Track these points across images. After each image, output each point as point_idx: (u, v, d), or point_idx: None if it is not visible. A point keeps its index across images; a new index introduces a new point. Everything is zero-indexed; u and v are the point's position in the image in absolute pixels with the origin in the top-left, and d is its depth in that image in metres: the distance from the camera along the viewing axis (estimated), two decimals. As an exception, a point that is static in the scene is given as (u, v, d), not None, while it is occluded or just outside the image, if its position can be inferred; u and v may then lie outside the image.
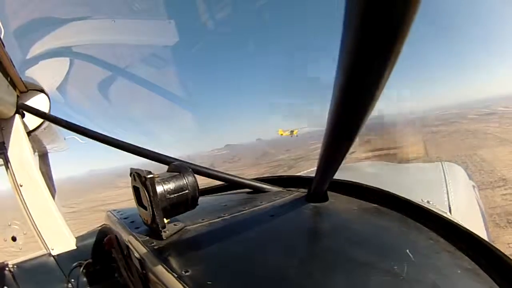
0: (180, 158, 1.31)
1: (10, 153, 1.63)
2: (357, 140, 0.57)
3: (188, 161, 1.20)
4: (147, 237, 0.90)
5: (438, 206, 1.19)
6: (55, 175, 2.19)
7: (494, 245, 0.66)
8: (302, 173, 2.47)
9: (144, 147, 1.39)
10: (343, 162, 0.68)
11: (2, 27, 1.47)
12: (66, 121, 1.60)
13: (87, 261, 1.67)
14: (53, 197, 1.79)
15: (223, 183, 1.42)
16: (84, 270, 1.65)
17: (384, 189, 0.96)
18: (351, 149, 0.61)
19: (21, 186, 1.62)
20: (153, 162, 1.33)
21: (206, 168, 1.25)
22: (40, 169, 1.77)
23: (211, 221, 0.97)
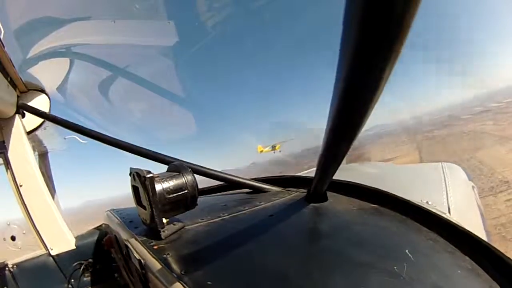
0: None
1: (10, 153, 1.63)
2: (349, 154, 0.57)
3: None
4: (146, 237, 0.90)
5: (437, 206, 1.19)
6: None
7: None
8: (301, 173, 2.46)
9: (144, 147, 1.39)
10: (343, 162, 0.68)
11: (2, 27, 1.47)
12: (66, 120, 1.60)
13: (86, 261, 1.67)
14: (53, 197, 1.79)
15: (222, 183, 1.42)
16: (83, 270, 1.65)
17: (384, 189, 0.96)
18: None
19: (20, 185, 1.63)
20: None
21: (206, 168, 1.24)
22: (40, 169, 1.77)
23: (210, 221, 0.97)
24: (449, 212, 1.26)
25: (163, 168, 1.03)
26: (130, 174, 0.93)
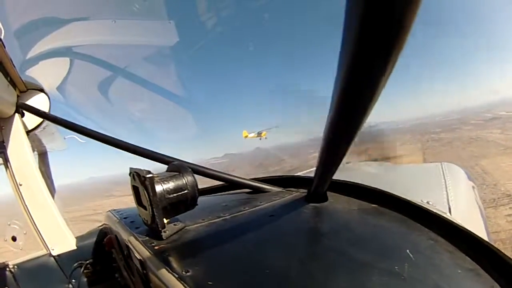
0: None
1: (10, 152, 1.63)
2: (352, 149, 0.57)
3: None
4: (147, 237, 0.90)
5: (438, 206, 1.19)
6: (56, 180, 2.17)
7: None
8: (302, 173, 2.47)
9: (144, 147, 1.39)
10: (343, 162, 0.68)
11: (2, 28, 1.47)
12: (65, 120, 1.60)
13: (87, 261, 1.67)
14: (53, 196, 1.79)
15: (223, 183, 1.42)
16: (84, 271, 1.65)
17: (384, 189, 0.96)
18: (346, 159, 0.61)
19: (20, 185, 1.62)
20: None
21: (206, 168, 1.24)
22: (40, 168, 1.77)
23: (211, 221, 0.97)
24: (450, 212, 1.26)
25: (163, 168, 1.03)
26: (130, 174, 0.93)
